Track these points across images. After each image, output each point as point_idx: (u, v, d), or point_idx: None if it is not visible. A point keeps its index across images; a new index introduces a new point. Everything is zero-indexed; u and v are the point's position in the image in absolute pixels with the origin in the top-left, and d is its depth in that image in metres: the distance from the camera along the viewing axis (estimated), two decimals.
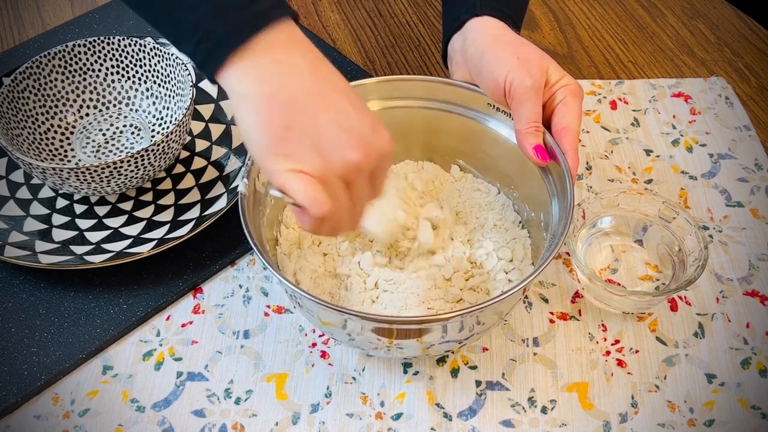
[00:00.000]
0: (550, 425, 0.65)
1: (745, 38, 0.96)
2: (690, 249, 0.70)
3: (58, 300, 0.73)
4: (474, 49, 0.68)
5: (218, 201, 0.77)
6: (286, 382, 0.68)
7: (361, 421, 0.65)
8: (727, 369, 0.67)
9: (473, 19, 0.69)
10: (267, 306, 0.72)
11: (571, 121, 0.65)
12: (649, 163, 0.83)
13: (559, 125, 0.65)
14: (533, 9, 1.01)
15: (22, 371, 0.68)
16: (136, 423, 0.65)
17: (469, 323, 0.59)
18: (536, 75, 0.65)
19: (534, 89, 0.65)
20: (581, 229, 0.73)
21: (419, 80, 0.72)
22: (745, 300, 0.72)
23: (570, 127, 0.65)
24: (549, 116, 0.67)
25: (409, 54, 0.96)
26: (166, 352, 0.70)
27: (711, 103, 0.88)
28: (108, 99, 0.85)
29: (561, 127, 0.65)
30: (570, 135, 0.65)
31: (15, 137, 0.77)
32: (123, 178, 0.73)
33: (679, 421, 0.65)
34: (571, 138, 0.65)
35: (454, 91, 0.72)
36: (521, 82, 0.64)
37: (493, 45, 0.67)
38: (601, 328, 0.70)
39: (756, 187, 0.80)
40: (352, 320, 0.59)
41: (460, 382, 0.67)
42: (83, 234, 0.76)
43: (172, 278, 0.74)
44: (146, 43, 0.81)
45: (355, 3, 1.03)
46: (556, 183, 0.66)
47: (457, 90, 0.71)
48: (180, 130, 0.74)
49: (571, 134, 0.65)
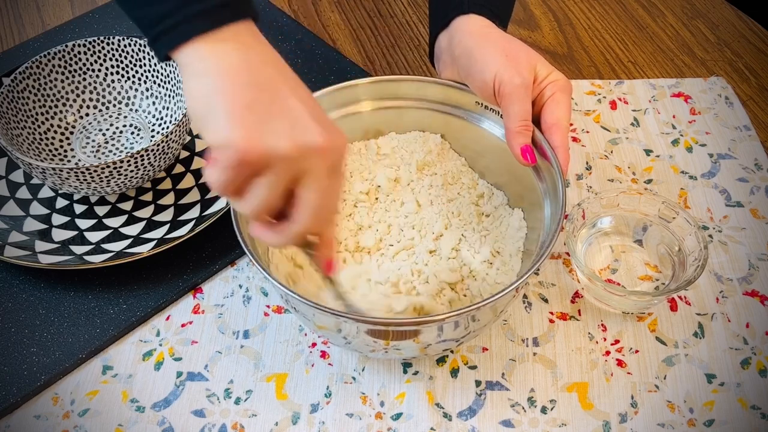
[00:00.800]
0: (550, 425, 0.65)
1: (745, 38, 0.96)
2: (690, 249, 0.70)
3: (57, 300, 0.73)
4: (461, 48, 0.68)
5: (218, 201, 0.77)
6: (286, 382, 0.68)
7: (361, 421, 0.65)
8: (727, 369, 0.67)
9: (460, 18, 0.69)
10: (267, 306, 0.72)
11: (561, 117, 0.65)
12: (649, 163, 0.83)
13: (549, 121, 0.66)
14: (533, 9, 1.01)
15: (22, 371, 0.68)
16: (136, 423, 0.65)
17: (464, 321, 0.59)
18: (524, 73, 0.65)
19: (523, 87, 0.65)
20: (581, 229, 0.73)
21: (409, 80, 0.73)
22: (744, 300, 0.72)
23: (560, 123, 0.65)
24: (538, 112, 0.67)
25: (409, 54, 0.96)
26: (166, 352, 0.70)
27: (711, 103, 0.88)
28: (108, 99, 0.85)
29: (551, 124, 0.65)
30: (560, 131, 0.65)
31: (15, 137, 0.77)
32: (123, 178, 0.73)
33: (679, 421, 0.65)
34: (561, 134, 0.65)
35: (443, 91, 0.72)
36: (510, 80, 0.65)
37: (481, 44, 0.67)
38: (600, 328, 0.70)
39: (756, 187, 0.80)
40: (347, 323, 0.59)
41: (460, 382, 0.67)
42: (83, 234, 0.76)
43: (172, 278, 0.74)
44: (146, 43, 0.81)
45: (355, 3, 1.03)
46: (547, 180, 0.66)
47: (446, 89, 0.72)
48: (180, 130, 0.74)
49: (561, 130, 0.65)
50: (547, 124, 0.66)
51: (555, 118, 0.65)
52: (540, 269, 0.74)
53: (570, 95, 0.67)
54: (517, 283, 0.58)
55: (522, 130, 0.65)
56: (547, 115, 0.66)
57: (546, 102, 0.66)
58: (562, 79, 0.66)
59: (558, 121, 0.65)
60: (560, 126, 0.65)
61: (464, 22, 0.69)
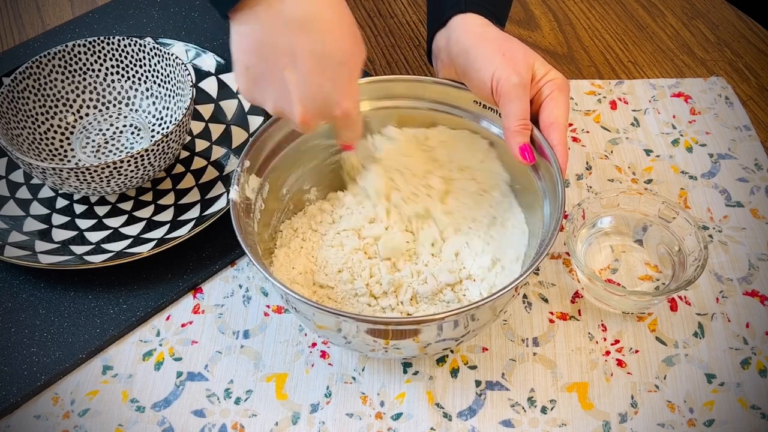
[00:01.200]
0: (550, 425, 0.65)
1: (745, 38, 0.96)
2: (690, 249, 0.70)
3: (57, 300, 0.73)
4: (459, 47, 0.68)
5: (218, 201, 0.77)
6: (286, 381, 0.68)
7: (361, 420, 0.65)
8: (727, 369, 0.67)
9: (457, 16, 0.69)
10: (267, 306, 0.73)
11: (559, 116, 0.65)
12: (649, 163, 0.83)
13: (547, 120, 0.66)
14: (533, 9, 1.01)
15: (22, 371, 0.68)
16: (136, 423, 0.65)
17: (464, 320, 0.59)
18: (522, 72, 0.65)
19: (521, 86, 0.65)
20: (581, 229, 0.73)
21: (408, 80, 0.73)
22: (744, 300, 0.72)
23: (558, 121, 0.65)
24: (536, 111, 0.67)
25: (409, 54, 0.96)
26: (166, 352, 0.70)
27: (711, 103, 0.88)
28: (108, 99, 0.85)
29: (549, 122, 0.65)
30: (558, 130, 0.65)
31: (15, 137, 0.77)
32: (123, 178, 0.73)
33: (679, 421, 0.65)
34: (559, 132, 0.65)
35: (441, 90, 0.72)
36: (508, 79, 0.65)
37: (478, 43, 0.67)
38: (600, 328, 0.70)
39: (756, 187, 0.80)
40: (347, 323, 0.59)
41: (460, 382, 0.67)
42: (83, 234, 0.76)
43: (172, 278, 0.74)
44: (146, 43, 0.81)
45: (355, 3, 1.03)
46: (546, 179, 0.66)
47: (444, 89, 0.72)
48: (180, 130, 0.74)
49: (559, 129, 0.65)
50: (545, 123, 0.66)
51: (553, 117, 0.65)
52: (540, 269, 0.74)
53: (568, 94, 0.67)
54: (516, 282, 0.58)
55: (520, 130, 0.65)
56: (546, 114, 0.66)
57: (544, 101, 0.66)
58: (560, 78, 0.66)
59: (556, 120, 0.65)
60: (558, 125, 0.65)
61: (462, 21, 0.69)
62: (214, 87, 0.86)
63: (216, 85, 0.86)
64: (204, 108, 0.85)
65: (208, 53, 0.88)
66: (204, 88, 0.86)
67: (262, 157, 0.69)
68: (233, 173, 0.66)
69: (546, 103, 0.66)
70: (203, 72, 0.87)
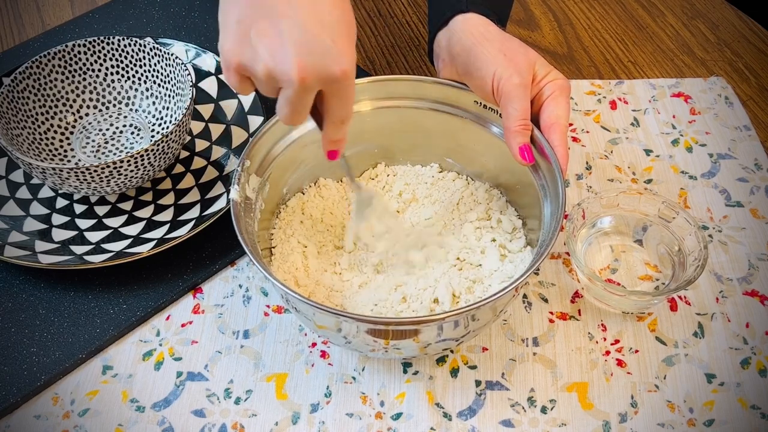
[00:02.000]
0: (550, 425, 0.65)
1: (745, 38, 0.96)
2: (690, 249, 0.70)
3: (57, 300, 0.73)
4: (460, 47, 0.68)
5: (218, 201, 0.77)
6: (286, 381, 0.68)
7: (361, 420, 0.65)
8: (727, 369, 0.67)
9: (458, 17, 0.69)
10: (267, 306, 0.73)
11: (560, 116, 0.65)
12: (649, 163, 0.83)
13: (548, 121, 0.66)
14: (533, 9, 1.01)
15: (22, 371, 0.68)
16: (136, 423, 0.65)
17: (464, 320, 0.59)
18: (523, 72, 0.65)
19: (522, 86, 0.65)
20: (581, 229, 0.73)
21: (408, 80, 0.73)
22: (744, 300, 0.72)
23: (559, 122, 0.65)
24: (537, 111, 0.67)
25: (409, 54, 0.96)
26: (166, 352, 0.70)
27: (711, 103, 0.88)
28: (108, 99, 0.85)
29: (550, 123, 0.65)
30: (559, 130, 0.65)
31: (15, 137, 0.77)
32: (123, 178, 0.73)
33: (679, 421, 0.65)
34: (560, 133, 0.65)
35: (442, 90, 0.72)
36: (509, 79, 0.65)
37: (479, 43, 0.67)
38: (600, 327, 0.70)
39: (756, 187, 0.80)
40: (347, 322, 0.59)
41: (460, 382, 0.67)
42: (83, 234, 0.76)
43: (172, 278, 0.74)
44: (146, 43, 0.81)
45: (355, 3, 1.03)
46: (547, 179, 0.66)
47: (445, 89, 0.72)
48: (180, 130, 0.74)
49: (560, 129, 0.65)
50: (546, 124, 0.66)
51: (554, 118, 0.65)
52: (540, 269, 0.74)
53: (569, 95, 0.67)
54: (516, 283, 0.58)
55: (521, 130, 0.65)
56: (546, 115, 0.66)
57: (545, 101, 0.66)
58: (561, 79, 0.66)
59: (557, 120, 0.65)
60: (559, 125, 0.65)
61: (463, 21, 0.69)
62: (214, 87, 0.86)
63: (216, 85, 0.86)
64: (204, 108, 0.85)
65: (208, 53, 0.88)
66: (204, 88, 0.86)
67: (263, 156, 0.69)
68: (233, 173, 0.66)
69: (547, 103, 0.66)
70: (203, 72, 0.87)
